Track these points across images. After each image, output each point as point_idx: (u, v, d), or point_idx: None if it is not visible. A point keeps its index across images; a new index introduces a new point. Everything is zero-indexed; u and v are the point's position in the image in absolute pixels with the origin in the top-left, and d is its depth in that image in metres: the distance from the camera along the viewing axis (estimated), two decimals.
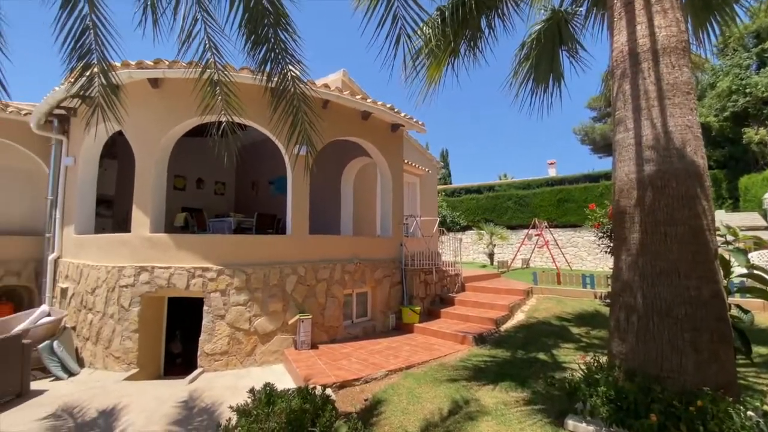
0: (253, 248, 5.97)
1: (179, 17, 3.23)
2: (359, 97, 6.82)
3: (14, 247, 7.72)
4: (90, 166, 7.24)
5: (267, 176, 10.38)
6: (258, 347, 5.61)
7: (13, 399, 4.56)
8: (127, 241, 5.89)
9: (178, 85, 5.84)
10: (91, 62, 3.25)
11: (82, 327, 6.07)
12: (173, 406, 4.37)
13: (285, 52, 3.44)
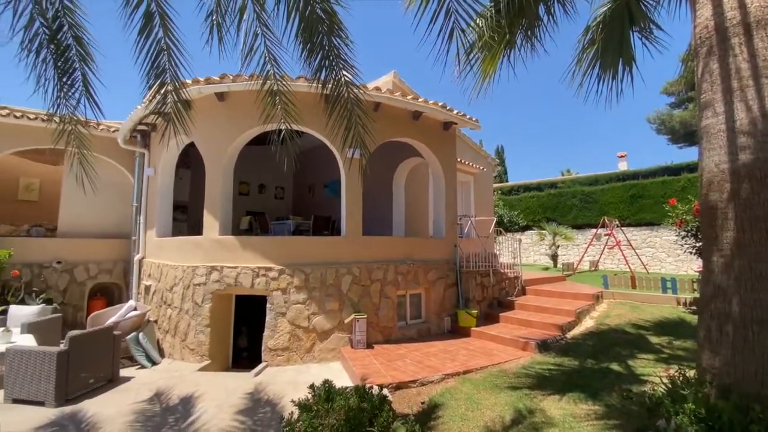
0: (311, 249, 6.20)
1: (242, 33, 3.44)
2: (410, 97, 6.80)
3: (107, 249, 8.79)
4: (167, 176, 8.02)
5: (322, 180, 10.75)
6: (316, 344, 5.80)
7: (105, 384, 5.16)
8: (200, 243, 6.42)
9: (241, 98, 6.25)
10: (165, 81, 3.58)
11: (163, 321, 6.72)
12: (240, 396, 4.67)
13: (338, 58, 3.51)
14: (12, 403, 4.46)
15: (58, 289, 8.09)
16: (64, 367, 4.52)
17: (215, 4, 3.64)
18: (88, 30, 3.69)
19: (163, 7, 3.41)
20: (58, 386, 4.44)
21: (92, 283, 8.58)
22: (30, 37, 3.56)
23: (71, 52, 3.70)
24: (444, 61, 3.51)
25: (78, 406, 4.41)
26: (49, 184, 11.24)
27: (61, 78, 3.75)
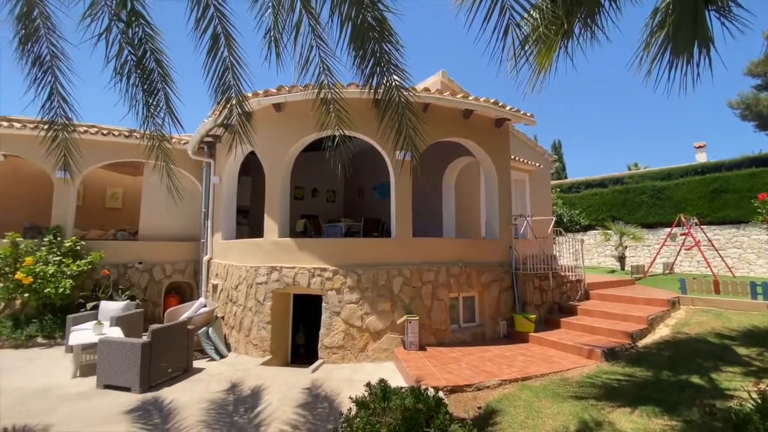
0: (362, 250, 6.33)
1: (298, 46, 3.62)
2: (460, 96, 6.70)
3: (180, 251, 9.65)
4: (231, 183, 8.63)
5: (371, 183, 10.94)
6: (370, 344, 5.91)
7: (181, 374, 5.66)
8: (261, 244, 6.83)
9: (296, 107, 6.57)
10: (231, 96, 3.88)
11: (229, 317, 7.24)
12: (299, 391, 4.89)
13: (389, 63, 3.57)
14: (103, 389, 5.06)
15: (139, 287, 9.04)
16: (147, 357, 5.04)
17: (273, 21, 3.89)
18: (167, 53, 4.12)
19: (228, 29, 3.70)
20: (142, 374, 4.96)
21: (167, 282, 9.48)
22: (120, 63, 4.04)
23: (154, 74, 4.14)
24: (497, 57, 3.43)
25: (159, 393, 4.90)
26: (130, 193, 12.65)
27: (148, 99, 4.21)
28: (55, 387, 5.13)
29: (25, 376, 5.57)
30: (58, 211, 8.60)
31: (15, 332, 7.21)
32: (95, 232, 9.92)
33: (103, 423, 4.06)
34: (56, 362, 6.26)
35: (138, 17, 3.88)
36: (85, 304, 7.87)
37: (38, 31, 4.02)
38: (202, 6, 3.49)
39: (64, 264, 7.74)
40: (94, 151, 8.75)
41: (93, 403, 4.60)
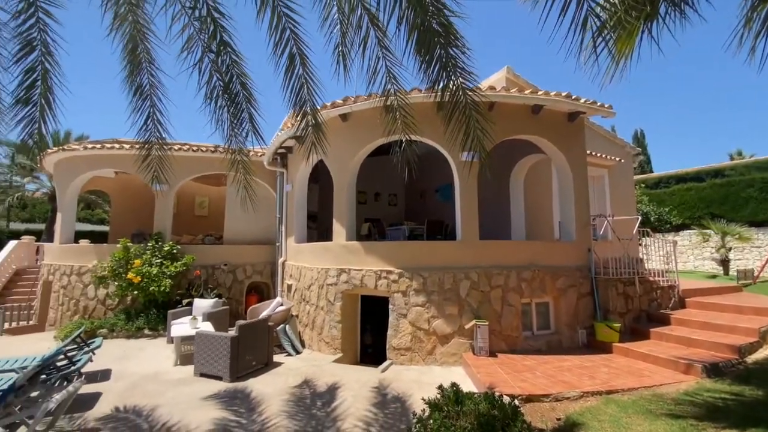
0: (427, 253, 6.34)
1: (366, 58, 3.78)
2: (528, 91, 6.42)
3: (259, 253, 10.49)
4: (302, 190, 9.19)
5: (433, 185, 10.89)
6: (437, 348, 5.89)
7: (263, 367, 6.14)
8: (330, 247, 7.18)
9: (361, 116, 6.82)
10: (306, 110, 4.17)
11: (302, 315, 7.71)
12: (370, 390, 5.04)
13: (456, 67, 3.57)
14: (200, 377, 5.68)
15: (225, 286, 10.00)
16: (235, 350, 5.57)
17: (341, 37, 4.11)
18: (250, 77, 4.56)
19: (302, 48, 3.99)
20: (231, 365, 5.49)
21: (248, 282, 10.36)
22: (210, 89, 4.56)
23: (239, 97, 4.60)
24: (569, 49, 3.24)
25: (245, 383, 5.38)
26: (215, 202, 14.07)
27: (232, 119, 4.70)
28: (161, 373, 5.90)
29: (138, 362, 6.47)
30: (159, 219, 9.86)
31: (127, 324, 8.41)
32: (187, 237, 11.20)
33: (201, 407, 4.57)
34: (161, 351, 7.18)
35: (226, 47, 4.35)
36: (182, 301, 8.92)
37: (141, 65, 4.70)
38: (279, 30, 3.81)
39: (164, 265, 8.85)
40: (185, 165, 9.90)
41: (192, 389, 5.20)
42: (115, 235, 12.02)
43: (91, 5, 4.03)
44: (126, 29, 4.39)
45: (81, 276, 9.36)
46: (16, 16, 3.88)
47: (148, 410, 4.44)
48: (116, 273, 8.64)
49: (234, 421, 4.20)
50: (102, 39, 4.96)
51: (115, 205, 13.48)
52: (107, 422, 4.20)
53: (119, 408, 4.54)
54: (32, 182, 21.31)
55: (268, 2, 3.77)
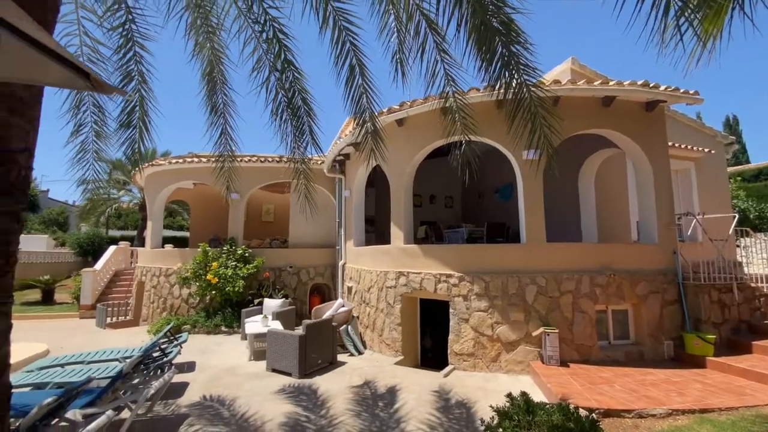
0: (488, 257, 6.15)
1: (424, 63, 3.80)
2: (598, 82, 5.97)
3: (320, 256, 10.94)
4: (359, 195, 9.43)
5: (492, 185, 10.55)
6: (502, 354, 5.68)
7: (328, 365, 6.37)
8: (388, 251, 7.28)
9: (417, 120, 6.84)
10: (365, 118, 4.29)
11: (363, 317, 7.88)
12: (431, 393, 5.01)
13: (518, 64, 3.45)
14: (271, 372, 6.06)
15: (290, 287, 10.57)
16: (303, 348, 5.86)
17: (398, 45, 4.17)
18: (310, 92, 4.81)
19: (361, 59, 4.13)
20: (300, 362, 5.78)
21: (311, 283, 10.85)
22: (276, 104, 4.89)
23: (301, 111, 4.89)
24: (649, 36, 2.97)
25: (312, 380, 5.64)
26: (280, 208, 14.96)
27: (295, 131, 5.00)
28: (237, 367, 6.39)
29: (218, 356, 7.07)
30: (232, 225, 10.72)
31: (207, 321, 9.23)
32: (256, 241, 12.02)
33: (273, 400, 4.88)
34: (236, 347, 7.78)
35: (289, 65, 4.64)
36: (253, 300, 9.61)
37: (216, 86, 5.18)
38: (340, 43, 3.97)
39: (238, 268, 9.59)
40: (254, 175, 10.67)
41: (264, 383, 5.56)
42: (195, 240, 13.30)
43: (177, 35, 4.54)
44: (204, 55, 4.87)
45: (168, 277, 10.48)
46: (118, 51, 4.50)
47: (229, 400, 4.84)
48: (197, 274, 9.55)
49: (303, 415, 4.42)
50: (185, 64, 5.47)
51: (194, 213, 14.92)
52: (195, 409, 4.64)
53: (206, 397, 5.00)
54: (126, 194, 24.32)
55: (330, 18, 3.96)
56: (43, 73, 0.95)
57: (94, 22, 4.30)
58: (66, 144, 4.91)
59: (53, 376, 5.15)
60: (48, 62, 0.89)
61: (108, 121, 5.09)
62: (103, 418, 3.37)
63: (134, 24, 4.28)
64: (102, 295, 12.55)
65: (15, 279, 1.79)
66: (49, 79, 0.98)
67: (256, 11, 4.30)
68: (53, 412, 3.58)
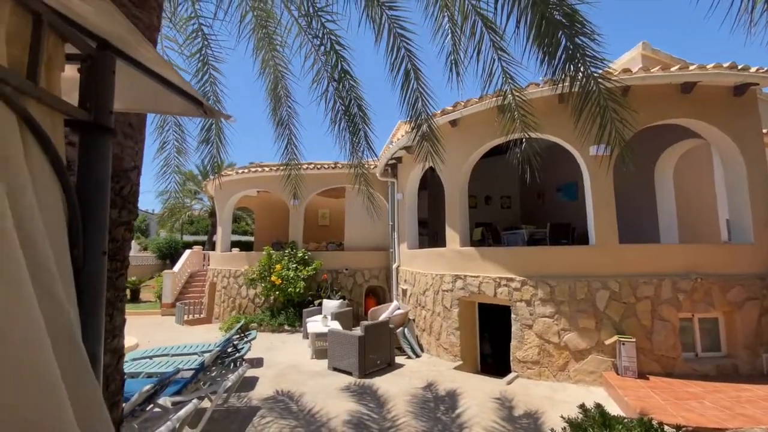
0: (553, 259, 5.85)
1: (481, 62, 3.74)
2: (676, 68, 5.44)
3: (374, 259, 11.12)
4: (412, 198, 9.45)
5: (553, 184, 10.00)
6: (571, 363, 5.36)
7: (386, 367, 6.44)
8: (443, 253, 7.20)
9: (472, 120, 6.71)
10: (421, 120, 4.32)
11: (419, 320, 7.87)
12: (494, 400, 4.87)
13: (584, 56, 3.27)
14: (333, 371, 6.27)
15: (346, 289, 10.86)
16: (362, 348, 5.99)
17: (452, 46, 4.15)
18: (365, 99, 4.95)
19: (416, 64, 4.17)
20: (359, 362, 5.92)
21: (366, 285, 11.07)
22: (334, 113, 5.09)
23: (357, 117, 5.04)
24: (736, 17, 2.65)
25: (372, 381, 5.74)
26: (334, 213, 15.48)
27: (352, 137, 5.17)
28: (301, 364, 6.70)
29: (282, 353, 7.48)
30: (293, 229, 11.29)
31: (271, 320, 9.79)
32: (313, 244, 12.54)
33: (337, 397, 5.05)
34: (298, 345, 8.17)
35: (346, 74, 4.82)
36: (313, 301, 10.02)
37: (280, 99, 5.51)
38: (395, 50, 4.04)
39: (298, 270, 10.08)
40: (312, 182, 11.14)
41: (327, 381, 5.78)
42: (259, 244, 14.20)
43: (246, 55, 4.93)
44: (269, 71, 5.23)
45: (236, 278, 11.30)
46: (196, 75, 4.98)
47: (297, 396, 5.10)
48: (262, 276, 10.18)
49: (366, 414, 4.52)
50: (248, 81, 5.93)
51: (258, 218, 15.94)
52: (266, 402, 4.96)
53: (276, 391, 5.32)
54: (197, 203, 26.63)
55: (384, 27, 4.05)
56: (167, 104, 1.10)
57: (175, 50, 4.81)
58: (153, 159, 5.54)
59: (144, 366, 5.80)
60: (171, 94, 1.03)
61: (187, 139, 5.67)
62: (190, 406, 3.73)
63: (209, 49, 4.71)
64: (180, 295, 13.86)
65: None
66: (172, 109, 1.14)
67: (315, 26, 4.52)
68: (149, 399, 4.03)
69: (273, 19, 4.68)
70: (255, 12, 4.66)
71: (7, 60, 0.69)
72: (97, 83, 0.88)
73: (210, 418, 4.13)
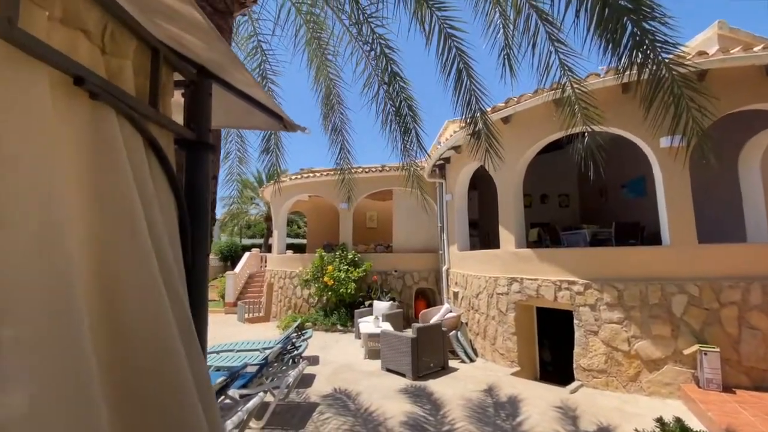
0: (620, 261, 5.44)
1: (536, 56, 3.61)
2: (760, 47, 4.84)
3: (423, 261, 11.07)
4: (462, 199, 9.29)
5: (618, 180, 9.30)
6: (643, 373, 4.95)
7: (440, 370, 6.37)
8: (498, 255, 6.99)
9: (525, 116, 6.47)
10: (476, 118, 4.25)
11: (472, 324, 7.70)
12: (556, 409, 4.63)
13: (653, 41, 3.03)
14: (386, 371, 6.33)
15: (396, 291, 10.92)
16: (415, 350, 5.99)
17: (505, 41, 4.05)
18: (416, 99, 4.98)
19: (468, 62, 4.11)
20: (413, 364, 5.93)
21: (416, 287, 11.04)
22: (385, 115, 5.18)
23: (408, 118, 5.09)
24: None
25: (426, 383, 5.71)
26: (381, 215, 15.64)
27: (404, 138, 5.21)
28: (354, 364, 6.85)
29: (336, 352, 7.69)
30: (343, 232, 11.59)
31: (325, 320, 10.11)
32: (362, 246, 12.77)
33: (392, 398, 5.09)
34: (351, 345, 8.35)
35: (395, 77, 4.88)
36: (363, 302, 10.20)
37: (333, 107, 5.70)
38: (446, 50, 4.02)
39: (349, 271, 10.32)
40: (360, 185, 11.35)
41: (381, 381, 5.85)
42: (311, 246, 14.76)
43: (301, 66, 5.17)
44: (322, 80, 5.44)
45: (291, 279, 11.83)
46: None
47: (353, 394, 5.23)
48: (315, 277, 10.56)
49: (422, 416, 4.52)
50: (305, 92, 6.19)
51: (310, 222, 16.57)
52: (324, 399, 5.14)
53: (334, 389, 5.49)
54: (254, 208, 28.28)
55: (435, 28, 4.05)
56: (252, 119, 1.21)
57: None
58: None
59: (212, 360, 6.26)
60: (256, 111, 1.13)
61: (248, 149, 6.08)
62: (256, 399, 3.97)
63: (267, 63, 5.02)
64: (240, 294, 14.79)
65: None
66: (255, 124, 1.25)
67: (365, 32, 4.64)
68: (221, 390, 4.35)
69: (325, 30, 4.88)
70: (308, 25, 4.89)
71: (134, 89, 0.80)
72: (197, 105, 0.99)
73: (273, 411, 4.37)
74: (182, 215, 0.91)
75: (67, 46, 0.64)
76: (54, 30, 0.63)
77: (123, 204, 0.68)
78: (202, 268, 0.95)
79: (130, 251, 0.67)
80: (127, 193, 0.69)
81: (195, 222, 0.94)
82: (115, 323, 0.65)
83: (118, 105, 0.71)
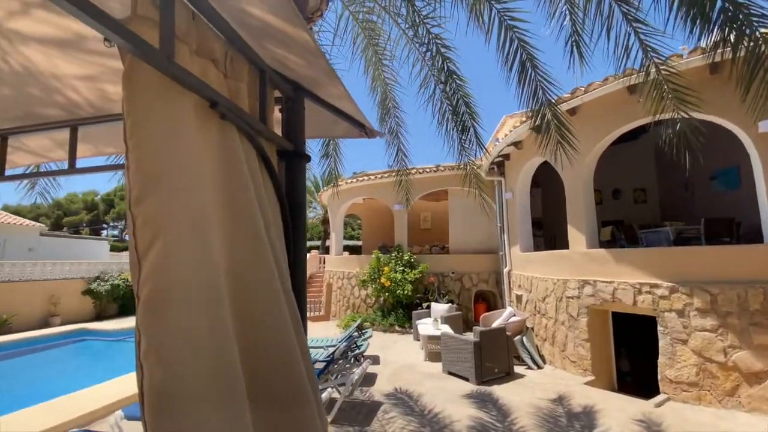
0: (712, 262, 4.85)
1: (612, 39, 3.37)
2: None
3: (482, 263, 10.75)
4: (524, 197, 8.88)
5: (705, 171, 8.28)
6: (742, 387, 4.36)
7: (504, 376, 6.14)
8: (567, 256, 6.58)
9: (594, 105, 6.04)
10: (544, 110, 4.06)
11: (539, 329, 7.32)
12: (637, 423, 4.26)
13: (749, 15, 2.68)
14: (447, 374, 6.24)
15: (454, 293, 10.73)
16: (478, 354, 5.85)
17: (572, 28, 3.81)
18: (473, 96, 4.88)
19: (531, 53, 3.94)
20: (476, 368, 5.79)
21: (474, 290, 10.76)
22: (441, 114, 5.14)
23: (465, 116, 5.00)
24: None
25: (490, 388, 5.55)
26: (435, 215, 15.48)
27: (461, 136, 5.14)
28: (415, 365, 6.85)
29: (395, 353, 7.75)
30: (398, 233, 11.67)
31: (383, 320, 10.24)
32: (417, 247, 12.74)
33: (456, 402, 5.01)
34: (409, 346, 8.37)
35: (452, 75, 4.82)
36: (421, 304, 10.17)
37: (389, 111, 5.77)
38: (508, 42, 3.90)
39: (405, 272, 10.35)
40: (416, 186, 11.35)
41: (443, 384, 5.79)
42: (367, 247, 15.06)
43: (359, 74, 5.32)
44: (379, 85, 5.54)
45: (349, 279, 12.15)
46: None
47: (415, 396, 5.24)
48: (372, 278, 10.75)
49: (489, 422, 4.39)
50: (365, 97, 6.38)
51: (364, 224, 16.92)
52: (387, 398, 5.20)
53: (396, 389, 5.55)
54: (311, 211, 29.53)
55: (494, 22, 3.94)
56: (336, 128, 1.28)
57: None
58: None
59: None
60: (340, 120, 1.19)
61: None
62: (325, 394, 4.15)
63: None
64: None
65: None
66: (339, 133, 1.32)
67: (421, 33, 4.65)
68: None
69: (382, 35, 4.97)
70: (365, 32, 5.02)
71: (248, 108, 0.89)
72: (294, 118, 1.07)
73: (339, 408, 4.52)
74: (285, 218, 0.99)
75: (201, 74, 0.73)
76: (193, 61, 0.72)
77: (247, 208, 0.76)
78: (302, 266, 1.02)
79: (254, 251, 0.75)
80: (250, 199, 0.77)
81: (294, 224, 1.02)
82: (244, 312, 0.73)
83: (238, 122, 0.79)
